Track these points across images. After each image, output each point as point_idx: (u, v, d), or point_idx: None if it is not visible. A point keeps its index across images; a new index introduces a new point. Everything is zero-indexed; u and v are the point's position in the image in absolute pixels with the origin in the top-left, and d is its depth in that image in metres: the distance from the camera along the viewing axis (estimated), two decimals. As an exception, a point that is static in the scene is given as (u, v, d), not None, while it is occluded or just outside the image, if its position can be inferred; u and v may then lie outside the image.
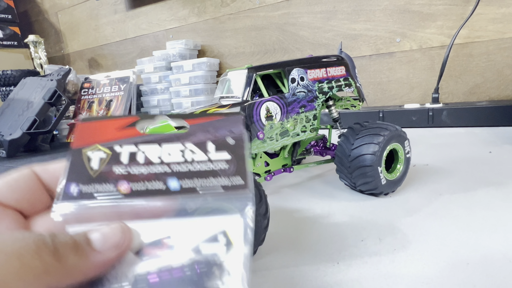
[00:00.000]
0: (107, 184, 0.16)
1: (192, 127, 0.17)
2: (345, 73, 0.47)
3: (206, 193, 0.16)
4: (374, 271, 0.27)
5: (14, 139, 1.01)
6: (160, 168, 0.16)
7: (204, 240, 0.15)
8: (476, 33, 0.93)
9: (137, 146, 0.17)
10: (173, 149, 0.17)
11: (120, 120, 0.17)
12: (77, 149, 0.16)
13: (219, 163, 0.17)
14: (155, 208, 0.15)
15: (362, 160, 0.40)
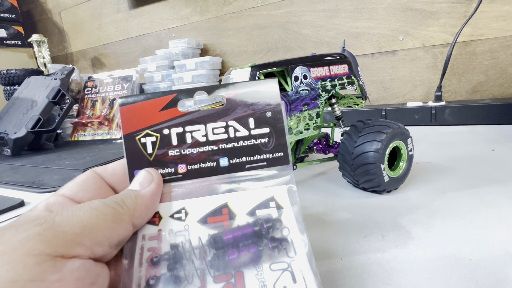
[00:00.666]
0: (167, 167, 0.18)
1: (230, 100, 0.18)
2: (348, 71, 0.48)
3: (252, 167, 0.18)
4: (377, 267, 0.27)
5: (18, 137, 1.01)
6: (209, 147, 0.18)
7: (257, 206, 0.17)
8: (480, 31, 0.92)
9: (184, 128, 0.18)
10: (217, 128, 0.18)
11: (158, 100, 0.18)
12: (128, 135, 0.18)
13: (260, 138, 0.18)
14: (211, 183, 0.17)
15: (365, 157, 0.40)
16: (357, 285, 0.25)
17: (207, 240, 0.16)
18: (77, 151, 1.01)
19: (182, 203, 0.17)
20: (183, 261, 0.15)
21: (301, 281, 0.15)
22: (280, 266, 0.15)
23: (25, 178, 0.67)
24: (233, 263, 0.15)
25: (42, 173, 0.70)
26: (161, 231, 0.16)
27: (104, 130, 1.20)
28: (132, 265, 0.15)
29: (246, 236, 0.16)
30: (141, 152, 0.18)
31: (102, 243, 0.14)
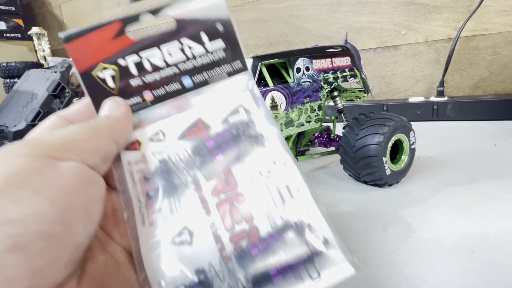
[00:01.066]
0: (133, 97, 0.18)
1: (180, 20, 0.18)
2: (350, 63, 0.47)
3: (215, 82, 0.18)
4: (379, 258, 0.27)
5: (18, 130, 1.01)
6: (169, 70, 0.18)
7: (228, 114, 0.18)
8: (483, 25, 0.91)
9: (139, 55, 0.18)
10: (172, 49, 0.18)
11: (105, 29, 0.17)
12: (85, 73, 0.17)
13: (217, 52, 0.18)
14: (181, 103, 0.18)
15: (366, 150, 0.40)
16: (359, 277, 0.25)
17: (192, 150, 0.17)
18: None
19: (157, 125, 0.18)
20: (174, 171, 0.17)
21: (280, 162, 0.17)
22: (261, 157, 0.17)
23: (25, 170, 0.67)
24: (220, 162, 0.17)
25: (42, 165, 0.70)
26: (144, 155, 0.17)
27: (104, 123, 1.20)
28: (127, 187, 0.16)
29: (226, 138, 0.18)
30: (102, 87, 0.17)
31: (89, 152, 0.14)
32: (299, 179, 0.17)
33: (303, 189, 0.16)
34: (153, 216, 0.16)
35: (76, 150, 0.14)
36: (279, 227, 0.15)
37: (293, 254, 0.15)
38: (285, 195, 0.16)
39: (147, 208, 0.16)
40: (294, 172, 0.17)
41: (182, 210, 0.16)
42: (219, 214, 0.16)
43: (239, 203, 0.16)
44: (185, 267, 0.15)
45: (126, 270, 0.16)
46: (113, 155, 0.16)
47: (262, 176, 0.17)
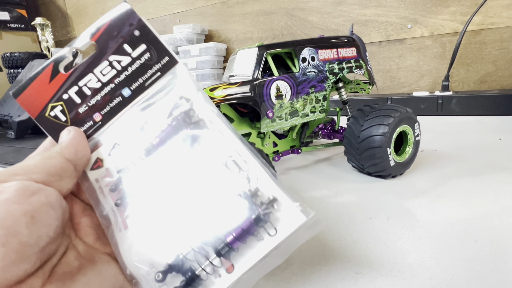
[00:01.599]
0: (86, 123, 0.20)
1: (99, 41, 0.20)
2: (356, 54, 0.47)
3: (151, 83, 0.20)
4: (382, 246, 0.27)
5: (22, 120, 1.02)
6: (106, 88, 0.20)
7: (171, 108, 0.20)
8: (490, 19, 0.90)
9: (77, 84, 0.20)
10: (103, 69, 0.20)
11: (42, 76, 0.19)
12: (38, 117, 0.20)
13: (142, 56, 0.20)
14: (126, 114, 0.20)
15: (371, 141, 0.40)
16: (362, 263, 0.25)
17: (144, 153, 0.19)
18: (81, 134, 1.01)
19: (112, 140, 0.20)
20: (132, 175, 0.19)
21: (222, 138, 0.18)
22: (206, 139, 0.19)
23: (29, 159, 0.67)
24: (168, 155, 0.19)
25: (46, 154, 0.70)
26: (108, 169, 0.19)
27: (108, 115, 1.20)
28: (99, 202, 0.19)
29: (169, 132, 0.19)
30: (56, 123, 0.20)
31: (37, 172, 0.16)
32: (243, 150, 0.18)
33: (250, 159, 0.18)
34: (126, 221, 0.18)
35: (22, 172, 0.16)
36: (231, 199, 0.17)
37: (247, 220, 0.17)
38: (233, 169, 0.18)
39: (120, 215, 0.18)
40: (237, 145, 0.18)
41: (149, 209, 0.18)
42: (180, 204, 0.18)
43: (195, 189, 0.18)
44: (159, 256, 0.17)
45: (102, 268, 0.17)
46: (71, 172, 0.18)
47: (211, 158, 0.18)
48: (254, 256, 0.16)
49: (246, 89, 0.38)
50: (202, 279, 0.16)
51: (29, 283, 0.14)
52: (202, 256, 0.17)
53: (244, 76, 0.40)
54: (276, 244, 0.16)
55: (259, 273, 0.17)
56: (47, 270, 0.16)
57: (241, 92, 0.37)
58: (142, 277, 0.17)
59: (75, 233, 0.19)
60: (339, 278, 0.24)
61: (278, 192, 0.17)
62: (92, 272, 0.17)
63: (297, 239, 0.17)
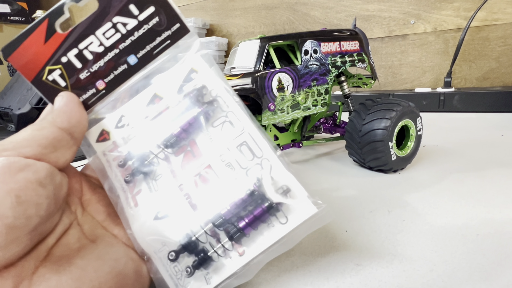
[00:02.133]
0: (88, 90, 0.18)
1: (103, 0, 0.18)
2: (358, 48, 0.46)
3: (159, 51, 0.18)
4: (383, 238, 0.27)
5: (22, 113, 1.01)
6: (110, 53, 0.18)
7: (182, 82, 0.18)
8: (494, 15, 0.90)
9: (77, 47, 0.17)
10: (106, 31, 0.18)
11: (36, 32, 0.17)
12: (35, 80, 0.18)
13: (150, 20, 0.18)
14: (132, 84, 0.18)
15: (373, 135, 0.40)
16: (362, 255, 0.25)
17: (155, 128, 0.18)
18: (82, 128, 1.01)
19: (118, 112, 0.18)
20: (144, 152, 0.18)
21: (238, 123, 0.18)
22: (219, 121, 0.18)
23: (30, 151, 0.67)
24: (183, 136, 0.18)
25: (47, 147, 0.70)
26: (115, 142, 0.18)
27: (108, 108, 1.20)
28: (107, 176, 0.18)
29: (183, 111, 0.18)
30: (55, 89, 0.18)
31: (27, 145, 0.15)
32: (259, 137, 0.17)
33: (263, 145, 0.17)
34: (136, 197, 0.17)
35: (10, 147, 0.15)
36: (245, 185, 0.17)
37: (260, 207, 0.17)
38: (247, 154, 0.17)
39: (130, 192, 0.17)
40: (251, 130, 0.18)
41: (160, 188, 0.17)
42: (192, 185, 0.17)
43: (208, 172, 0.17)
44: (171, 236, 0.17)
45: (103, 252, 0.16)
46: (67, 142, 0.17)
47: (224, 141, 0.18)
48: (264, 242, 0.17)
49: (247, 81, 0.37)
50: (214, 261, 0.16)
51: (20, 266, 0.13)
52: (214, 239, 0.17)
53: (246, 68, 0.40)
54: (286, 233, 0.17)
55: (267, 258, 0.17)
56: (43, 251, 0.15)
57: (242, 84, 0.37)
58: (154, 253, 0.17)
59: (83, 210, 0.18)
60: (340, 269, 0.24)
61: (291, 182, 0.17)
62: (91, 255, 0.16)
63: (306, 228, 0.17)
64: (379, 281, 0.22)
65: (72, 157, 0.17)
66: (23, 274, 0.13)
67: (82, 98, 0.18)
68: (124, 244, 0.17)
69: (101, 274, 0.15)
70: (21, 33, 0.17)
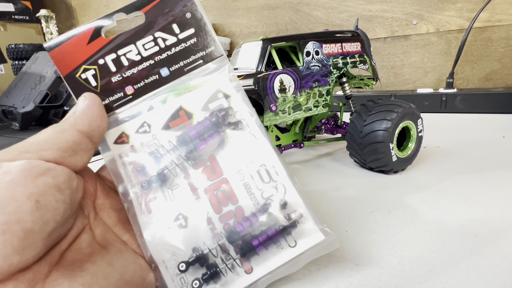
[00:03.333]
0: (116, 93, 0.19)
1: (149, 13, 0.19)
2: (360, 49, 0.47)
3: (191, 68, 0.19)
4: (382, 239, 0.28)
5: (27, 111, 1.02)
6: (146, 63, 0.19)
7: (208, 100, 0.19)
8: (497, 16, 0.89)
9: (116, 52, 0.19)
10: (146, 43, 0.19)
11: (82, 35, 0.18)
12: (68, 76, 0.18)
13: (188, 40, 0.19)
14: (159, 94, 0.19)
15: (374, 136, 0.40)
16: (362, 255, 0.26)
17: (177, 140, 0.18)
18: (85, 127, 1.02)
19: (141, 118, 0.19)
20: (163, 162, 0.18)
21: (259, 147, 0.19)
22: (241, 141, 0.19)
23: (34, 149, 0.68)
24: (204, 151, 0.18)
25: (50, 145, 0.71)
26: (133, 146, 0.18)
27: (111, 107, 1.20)
28: (122, 179, 0.18)
29: (207, 127, 0.19)
30: (85, 87, 0.19)
31: (48, 148, 0.15)
32: (276, 162, 0.18)
33: (281, 171, 0.18)
34: (150, 204, 0.17)
35: (32, 149, 0.15)
36: (261, 206, 0.18)
37: (273, 228, 0.17)
38: (264, 177, 0.18)
39: (144, 198, 0.18)
40: (271, 155, 0.18)
41: (176, 198, 0.18)
42: (208, 199, 0.18)
43: (225, 188, 0.18)
44: (183, 247, 0.17)
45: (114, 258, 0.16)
46: (86, 146, 0.17)
47: (243, 161, 0.18)
48: (273, 263, 0.17)
49: (249, 82, 0.38)
50: (223, 275, 0.17)
51: (34, 270, 0.13)
52: (226, 254, 0.17)
53: (248, 69, 0.40)
54: (294, 256, 0.17)
55: (272, 277, 0.18)
56: (56, 256, 0.15)
57: (244, 85, 0.38)
58: (162, 262, 0.17)
59: (95, 214, 0.18)
60: (339, 269, 0.24)
61: (304, 208, 0.18)
62: (102, 261, 0.16)
63: (312, 253, 0.18)
64: (378, 281, 0.22)
65: (89, 160, 0.17)
66: (37, 278, 0.13)
67: (108, 100, 0.19)
68: (133, 251, 0.17)
69: (111, 281, 0.15)
70: (69, 32, 0.18)
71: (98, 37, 0.18)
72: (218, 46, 0.20)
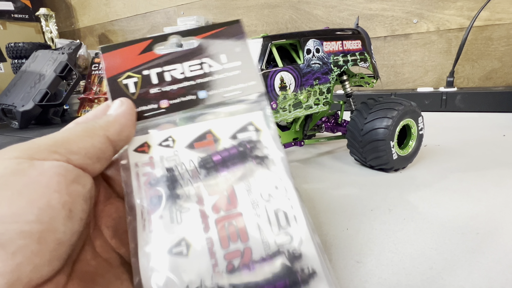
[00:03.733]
0: (150, 104, 0.19)
1: (203, 41, 0.20)
2: (361, 47, 0.46)
3: (229, 96, 0.19)
4: (383, 236, 0.28)
5: (26, 110, 1.02)
6: (187, 83, 0.19)
7: (238, 130, 0.19)
8: (498, 15, 0.89)
9: (162, 68, 0.19)
10: (193, 65, 0.20)
11: (137, 46, 0.20)
12: (111, 78, 0.19)
13: (233, 70, 0.20)
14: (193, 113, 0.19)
15: (374, 134, 0.40)
16: (362, 253, 0.26)
17: (198, 162, 0.18)
18: (84, 125, 1.01)
19: (168, 132, 0.19)
20: (179, 180, 0.17)
21: (282, 187, 0.17)
22: (263, 178, 0.18)
23: (33, 148, 0.68)
24: (224, 179, 0.17)
25: (50, 144, 0.71)
26: (152, 158, 0.18)
27: (111, 106, 1.20)
28: (132, 189, 0.17)
29: (233, 155, 0.18)
30: (123, 92, 0.19)
31: (76, 152, 0.14)
32: (298, 208, 0.17)
33: (300, 219, 0.17)
34: (154, 223, 0.16)
35: (62, 151, 0.14)
36: (272, 251, 0.16)
37: (282, 280, 0.16)
38: (282, 221, 0.17)
39: (149, 214, 0.16)
40: (294, 200, 0.17)
41: (183, 222, 0.16)
42: (216, 231, 0.16)
43: (237, 223, 0.16)
44: (178, 278, 0.15)
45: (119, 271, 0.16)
46: (109, 154, 0.16)
47: (262, 199, 0.17)
48: None
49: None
50: None
51: (55, 282, 0.13)
52: None
53: (248, 67, 0.40)
54: None
55: None
56: (69, 267, 0.14)
57: None
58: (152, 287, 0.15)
59: (95, 223, 0.17)
60: (340, 266, 0.24)
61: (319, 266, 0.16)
62: (110, 274, 0.15)
63: None
64: (379, 278, 0.22)
65: (105, 167, 0.17)
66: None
67: (140, 108, 0.19)
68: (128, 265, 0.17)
69: None
70: (126, 41, 0.20)
71: (150, 51, 0.20)
72: (260, 83, 0.20)
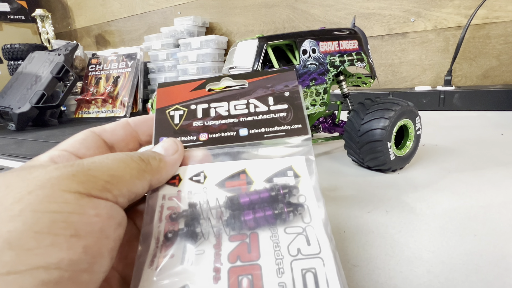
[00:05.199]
0: (190, 136, 0.19)
1: (251, 84, 0.21)
2: (357, 47, 0.46)
3: (270, 136, 0.19)
4: (380, 239, 0.27)
5: (23, 112, 1.01)
6: (230, 120, 0.20)
7: (275, 174, 0.18)
8: (495, 13, 0.89)
9: (209, 104, 0.20)
10: (239, 104, 0.20)
11: (190, 84, 0.21)
12: (160, 109, 0.20)
13: (279, 112, 0.20)
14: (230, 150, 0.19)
15: (371, 134, 0.40)
16: (359, 256, 0.25)
17: (224, 201, 0.16)
18: (81, 127, 1.01)
19: (201, 167, 0.18)
20: (200, 219, 0.16)
21: (315, 244, 0.15)
22: (294, 230, 0.16)
23: (30, 151, 0.68)
24: (249, 224, 0.16)
25: (46, 147, 0.70)
26: (180, 192, 0.17)
27: (108, 107, 1.20)
28: (152, 220, 0.16)
29: (263, 199, 0.16)
30: (168, 122, 0.20)
31: (124, 195, 0.14)
32: (331, 269, 0.14)
33: (333, 281, 0.14)
34: (163, 260, 0.15)
35: (116, 192, 0.14)
36: None
37: None
38: (310, 284, 0.14)
39: (161, 250, 0.15)
40: (328, 260, 0.14)
41: (193, 265, 0.14)
42: (228, 283, 0.14)
43: (254, 278, 0.14)
44: None
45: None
46: (144, 193, 0.16)
47: (289, 254, 0.15)
48: None
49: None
50: None
51: None
52: None
53: (244, 68, 0.40)
54: None
55: None
56: None
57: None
58: None
59: None
60: (337, 270, 0.24)
61: None
62: None
63: None
64: (375, 282, 0.22)
65: None
66: None
67: (180, 138, 0.19)
68: None
69: None
70: (181, 80, 0.21)
71: (201, 88, 0.21)
72: (306, 127, 0.19)
